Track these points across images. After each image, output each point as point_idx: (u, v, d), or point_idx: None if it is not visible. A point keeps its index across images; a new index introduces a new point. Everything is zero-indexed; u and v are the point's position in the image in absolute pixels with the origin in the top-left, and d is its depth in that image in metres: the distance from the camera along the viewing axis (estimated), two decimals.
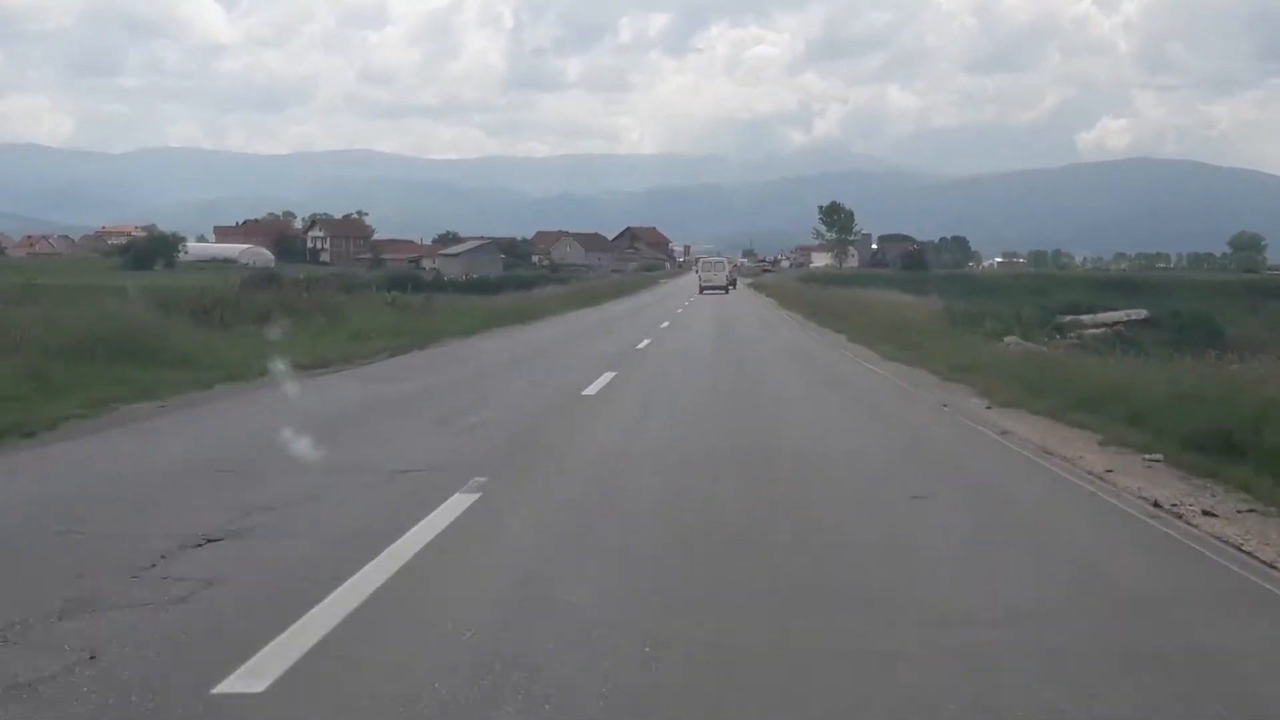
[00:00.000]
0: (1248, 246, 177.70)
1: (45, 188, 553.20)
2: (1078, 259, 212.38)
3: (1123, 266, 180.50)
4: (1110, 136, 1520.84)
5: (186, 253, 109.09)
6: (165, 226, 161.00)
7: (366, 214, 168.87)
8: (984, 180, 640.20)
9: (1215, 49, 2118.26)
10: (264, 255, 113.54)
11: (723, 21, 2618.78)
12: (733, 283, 72.60)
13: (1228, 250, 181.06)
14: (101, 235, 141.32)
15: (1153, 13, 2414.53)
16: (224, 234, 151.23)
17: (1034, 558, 6.36)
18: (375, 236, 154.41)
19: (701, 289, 65.53)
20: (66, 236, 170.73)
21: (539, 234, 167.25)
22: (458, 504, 7.15)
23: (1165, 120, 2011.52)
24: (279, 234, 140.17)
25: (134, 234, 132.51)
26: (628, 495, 7.85)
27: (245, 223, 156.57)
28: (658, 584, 5.53)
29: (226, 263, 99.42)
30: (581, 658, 4.40)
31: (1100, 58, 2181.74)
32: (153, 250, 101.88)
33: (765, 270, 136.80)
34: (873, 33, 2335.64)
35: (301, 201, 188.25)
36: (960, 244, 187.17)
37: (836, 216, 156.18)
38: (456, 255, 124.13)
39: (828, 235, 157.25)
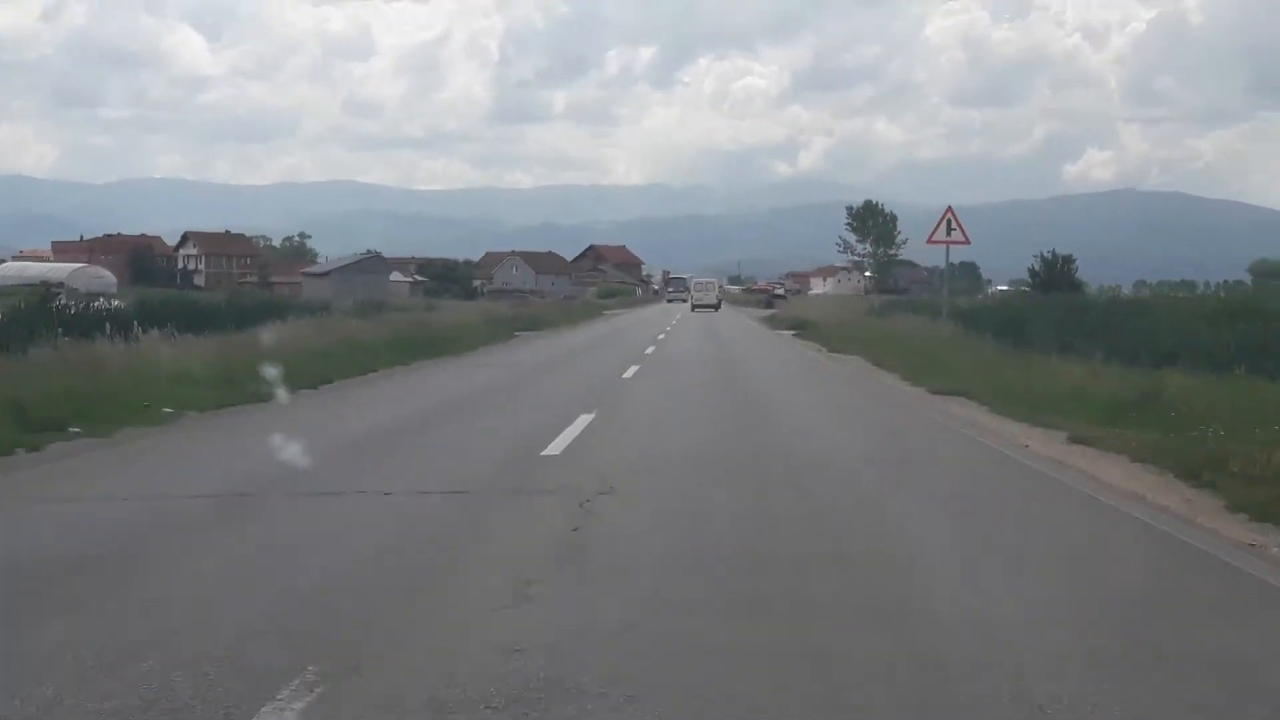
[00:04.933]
0: (1272, 274, 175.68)
1: (30, 217, 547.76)
2: (1094, 287, 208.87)
3: (1144, 295, 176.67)
4: (1096, 168, 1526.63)
5: None
6: None
7: (309, 236, 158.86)
8: (970, 210, 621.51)
9: (1203, 83, 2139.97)
10: (102, 277, 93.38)
11: (709, 54, 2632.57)
12: (719, 302, 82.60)
13: (1243, 278, 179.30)
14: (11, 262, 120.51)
15: (1140, 47, 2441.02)
16: (65, 251, 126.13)
17: None
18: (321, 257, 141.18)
19: (693, 307, 76.64)
20: None
21: (487, 254, 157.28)
22: None
23: (1151, 153, 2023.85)
24: (134, 251, 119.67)
25: (45, 258, 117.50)
26: None
27: (99, 238, 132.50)
28: None
29: (57, 286, 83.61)
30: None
31: (1086, 90, 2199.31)
32: None
33: (776, 296, 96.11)
34: (860, 65, 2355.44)
35: (285, 232, 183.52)
36: (970, 270, 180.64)
37: (873, 221, 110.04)
38: (325, 275, 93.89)
39: (860, 249, 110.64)
